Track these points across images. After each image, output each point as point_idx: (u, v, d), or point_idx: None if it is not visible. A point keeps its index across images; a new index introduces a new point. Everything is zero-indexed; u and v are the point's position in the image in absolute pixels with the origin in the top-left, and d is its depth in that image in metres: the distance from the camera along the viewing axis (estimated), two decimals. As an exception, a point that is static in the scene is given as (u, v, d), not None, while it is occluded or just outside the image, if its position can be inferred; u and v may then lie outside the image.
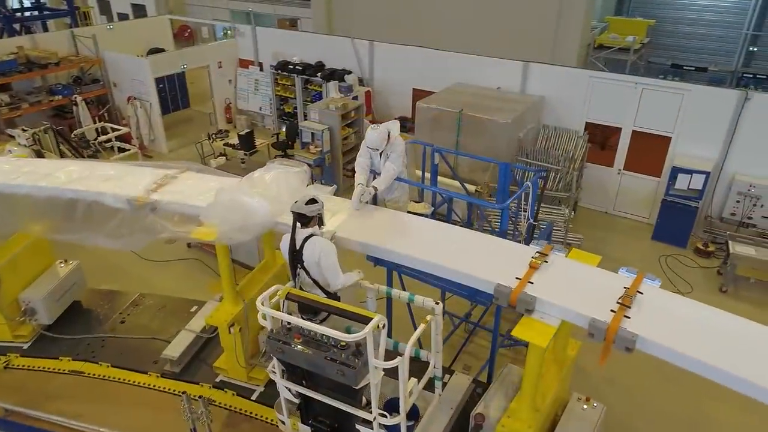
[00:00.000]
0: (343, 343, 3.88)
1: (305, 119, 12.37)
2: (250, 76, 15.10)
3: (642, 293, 4.07)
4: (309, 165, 12.05)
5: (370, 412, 4.03)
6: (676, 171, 9.96)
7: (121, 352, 6.62)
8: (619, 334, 3.70)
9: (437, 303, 4.28)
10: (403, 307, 6.58)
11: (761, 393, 3.40)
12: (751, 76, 15.06)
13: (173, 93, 16.09)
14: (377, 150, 5.52)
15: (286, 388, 4.40)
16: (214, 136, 13.10)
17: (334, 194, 5.68)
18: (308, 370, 4.15)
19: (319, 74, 13.61)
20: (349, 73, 13.27)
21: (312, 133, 11.76)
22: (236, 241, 5.02)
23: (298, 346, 3.92)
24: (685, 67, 15.36)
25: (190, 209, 5.25)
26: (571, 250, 4.66)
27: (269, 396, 5.96)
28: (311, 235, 4.35)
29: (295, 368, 4.23)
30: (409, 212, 5.88)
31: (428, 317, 4.18)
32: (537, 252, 4.51)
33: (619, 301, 3.94)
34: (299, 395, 4.39)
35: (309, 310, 4.29)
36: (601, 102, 10.87)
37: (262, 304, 4.13)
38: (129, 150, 12.58)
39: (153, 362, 6.41)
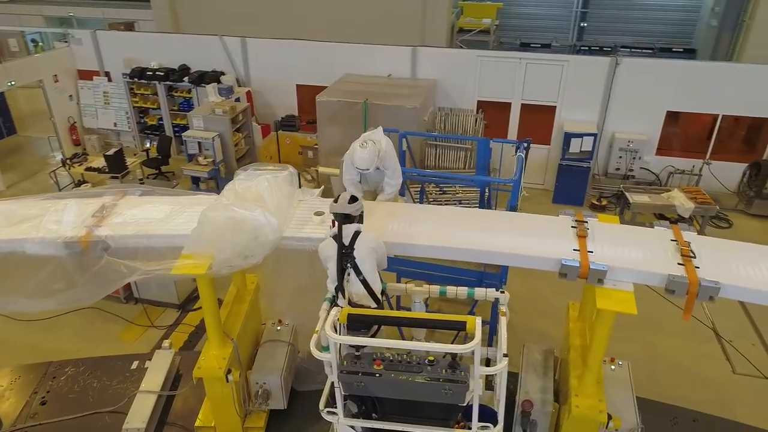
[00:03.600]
0: (431, 358, 3.32)
1: (186, 129, 10.99)
2: (96, 89, 12.97)
3: (691, 242, 4.11)
4: (202, 179, 10.77)
5: (468, 429, 3.52)
6: (568, 136, 10.68)
7: (59, 441, 5.16)
8: (702, 285, 3.67)
9: (502, 292, 3.89)
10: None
11: None
12: (586, 48, 16.89)
13: (-8, 119, 13.28)
14: (368, 170, 4.77)
15: (351, 427, 3.67)
16: (69, 161, 11.02)
17: None
18: (380, 398, 3.51)
19: (185, 78, 12.16)
20: (223, 74, 12.04)
21: (199, 142, 10.47)
22: (235, 270, 4.09)
23: (385, 374, 3.25)
24: (532, 45, 16.70)
25: (162, 240, 4.16)
26: (598, 215, 4.57)
27: (272, 444, 5.12)
28: (358, 231, 3.87)
29: (365, 400, 3.55)
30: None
31: (502, 308, 3.77)
32: (575, 220, 4.35)
33: (683, 253, 3.92)
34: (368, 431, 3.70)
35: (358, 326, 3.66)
36: (490, 80, 11.24)
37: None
38: (-41, 191, 10.03)
39: (108, 442, 5.10)
